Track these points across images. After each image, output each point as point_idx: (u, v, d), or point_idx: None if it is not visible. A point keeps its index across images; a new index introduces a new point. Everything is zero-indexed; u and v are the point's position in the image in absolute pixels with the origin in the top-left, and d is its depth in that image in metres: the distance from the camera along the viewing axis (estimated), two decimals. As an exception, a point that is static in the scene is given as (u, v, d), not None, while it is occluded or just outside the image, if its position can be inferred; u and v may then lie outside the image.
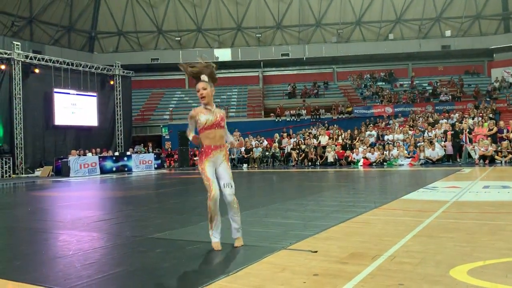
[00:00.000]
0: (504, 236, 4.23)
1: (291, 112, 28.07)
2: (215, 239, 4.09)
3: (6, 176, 19.14)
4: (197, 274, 3.32)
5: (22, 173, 19.77)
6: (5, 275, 3.47)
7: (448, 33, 33.15)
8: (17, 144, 19.79)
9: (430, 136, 19.15)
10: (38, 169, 20.21)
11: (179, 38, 34.09)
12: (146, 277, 3.34)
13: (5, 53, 19.76)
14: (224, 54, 33.68)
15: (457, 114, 22.85)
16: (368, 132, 21.54)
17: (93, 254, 4.10)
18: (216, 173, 4.12)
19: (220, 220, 4.12)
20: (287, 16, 34.12)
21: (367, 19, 34.17)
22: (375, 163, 17.92)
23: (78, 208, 8.01)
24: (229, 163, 4.29)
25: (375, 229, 4.79)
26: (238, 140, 4.60)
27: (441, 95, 28.66)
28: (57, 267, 3.68)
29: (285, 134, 22.97)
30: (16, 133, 19.80)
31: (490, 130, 17.58)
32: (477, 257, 3.48)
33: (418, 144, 18.16)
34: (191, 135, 4.11)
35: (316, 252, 3.78)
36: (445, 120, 21.76)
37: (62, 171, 18.98)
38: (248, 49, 34.17)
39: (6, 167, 19.26)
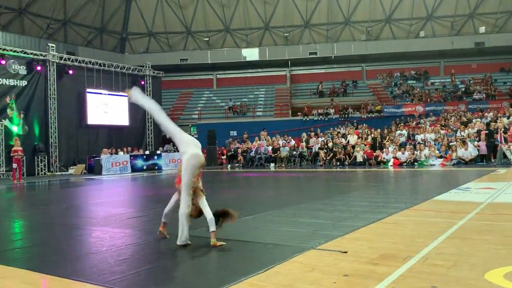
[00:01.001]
0: (542, 240, 4.09)
1: (319, 111, 27.85)
2: None
3: (42, 174, 19.77)
4: (226, 272, 3.35)
5: (56, 171, 20.39)
6: (42, 269, 3.60)
7: (482, 29, 32.14)
8: (51, 142, 20.43)
9: (463, 136, 18.64)
10: (71, 167, 20.80)
11: (208, 39, 34.37)
12: (177, 273, 3.40)
13: (41, 55, 20.42)
14: (251, 54, 33.76)
15: (491, 113, 22.13)
16: (398, 132, 21.16)
17: (125, 250, 4.21)
18: None
19: None
20: (315, 14, 33.87)
21: (397, 16, 33.52)
22: (405, 163, 17.59)
23: (110, 205, 8.21)
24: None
25: (406, 230, 4.71)
26: None
27: (475, 94, 27.85)
28: (91, 263, 3.79)
29: (313, 134, 22.83)
30: (51, 132, 20.43)
31: (527, 129, 16.97)
32: (513, 260, 3.38)
33: (451, 144, 17.71)
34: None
35: (346, 252, 3.76)
36: (478, 119, 21.13)
37: (94, 169, 19.47)
38: (275, 48, 34.12)
39: (41, 165, 19.91)
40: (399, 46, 32.92)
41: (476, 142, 17.64)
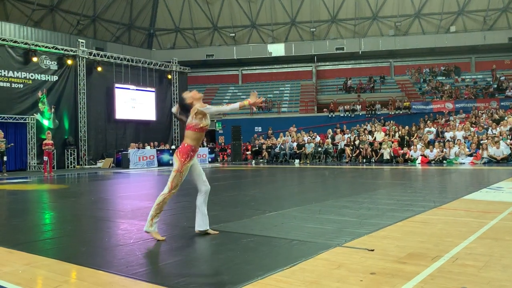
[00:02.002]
0: None
1: (345, 107, 27.56)
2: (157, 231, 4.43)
3: (71, 167, 20.29)
4: (252, 267, 3.35)
5: (85, 164, 20.88)
6: (72, 259, 3.69)
7: (516, 24, 31.07)
8: (81, 136, 20.92)
9: (495, 134, 18.11)
10: (100, 161, 21.27)
11: (234, 34, 34.43)
12: (202, 267, 3.43)
13: (71, 50, 20.90)
14: (277, 49, 33.63)
15: (525, 110, 21.43)
16: (427, 129, 20.73)
17: (152, 243, 4.27)
18: (192, 169, 4.76)
19: None
20: (342, 9, 33.43)
21: (427, 11, 32.75)
22: (434, 161, 17.23)
23: (137, 198, 8.34)
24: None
25: (435, 229, 4.61)
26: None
27: (507, 90, 26.98)
28: (119, 255, 3.86)
29: (339, 130, 22.62)
30: (80, 126, 20.92)
31: (563, 127, 16.35)
32: (549, 263, 3.26)
33: (481, 142, 17.24)
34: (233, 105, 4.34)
35: (372, 250, 3.70)
36: (511, 117, 20.46)
37: (122, 163, 19.84)
38: (301, 44, 33.88)
39: (71, 158, 20.43)
40: (428, 42, 32.17)
41: (508, 141, 17.12)
